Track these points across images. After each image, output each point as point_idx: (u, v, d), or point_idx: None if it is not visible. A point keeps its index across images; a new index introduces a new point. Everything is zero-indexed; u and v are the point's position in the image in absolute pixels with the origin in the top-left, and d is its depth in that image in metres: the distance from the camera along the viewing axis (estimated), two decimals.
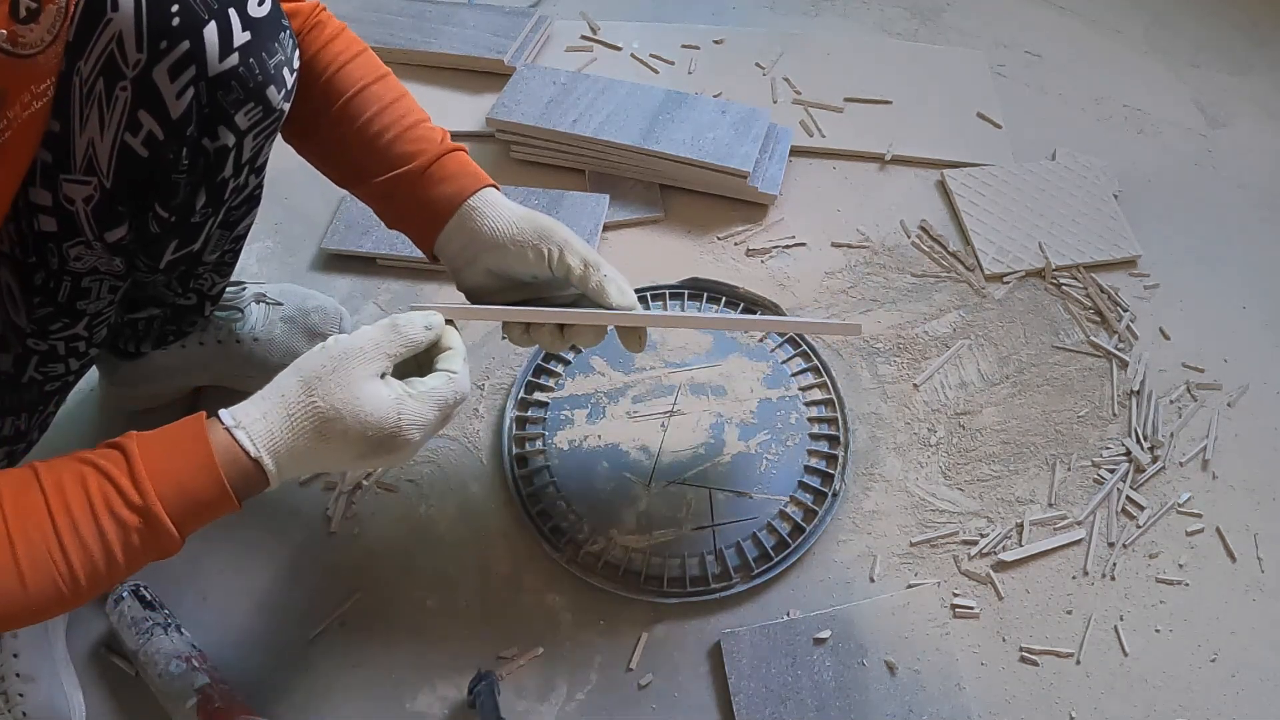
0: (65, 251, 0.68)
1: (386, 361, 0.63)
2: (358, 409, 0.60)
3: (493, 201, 0.75)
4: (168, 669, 0.78)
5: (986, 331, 1.09)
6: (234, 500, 0.59)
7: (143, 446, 0.57)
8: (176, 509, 0.57)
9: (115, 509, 0.55)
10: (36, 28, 0.54)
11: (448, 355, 0.67)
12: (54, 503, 0.54)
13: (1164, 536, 0.93)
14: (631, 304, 0.74)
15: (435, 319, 0.66)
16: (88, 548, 0.55)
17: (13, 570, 0.53)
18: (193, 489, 0.57)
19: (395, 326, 0.64)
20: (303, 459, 0.61)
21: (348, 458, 0.62)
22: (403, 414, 0.62)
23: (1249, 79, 1.42)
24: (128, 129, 0.63)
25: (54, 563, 0.54)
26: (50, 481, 0.55)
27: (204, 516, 0.58)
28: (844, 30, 1.48)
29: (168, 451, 0.57)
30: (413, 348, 0.65)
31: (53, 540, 0.54)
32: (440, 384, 0.64)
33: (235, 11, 0.63)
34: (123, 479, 0.56)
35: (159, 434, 0.59)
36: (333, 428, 0.60)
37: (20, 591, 0.53)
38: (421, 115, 0.77)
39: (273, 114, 0.69)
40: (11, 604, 0.53)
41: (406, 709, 0.82)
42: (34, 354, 0.75)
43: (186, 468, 0.57)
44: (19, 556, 0.53)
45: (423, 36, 1.37)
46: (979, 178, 1.23)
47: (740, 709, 0.81)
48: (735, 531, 0.91)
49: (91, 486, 0.55)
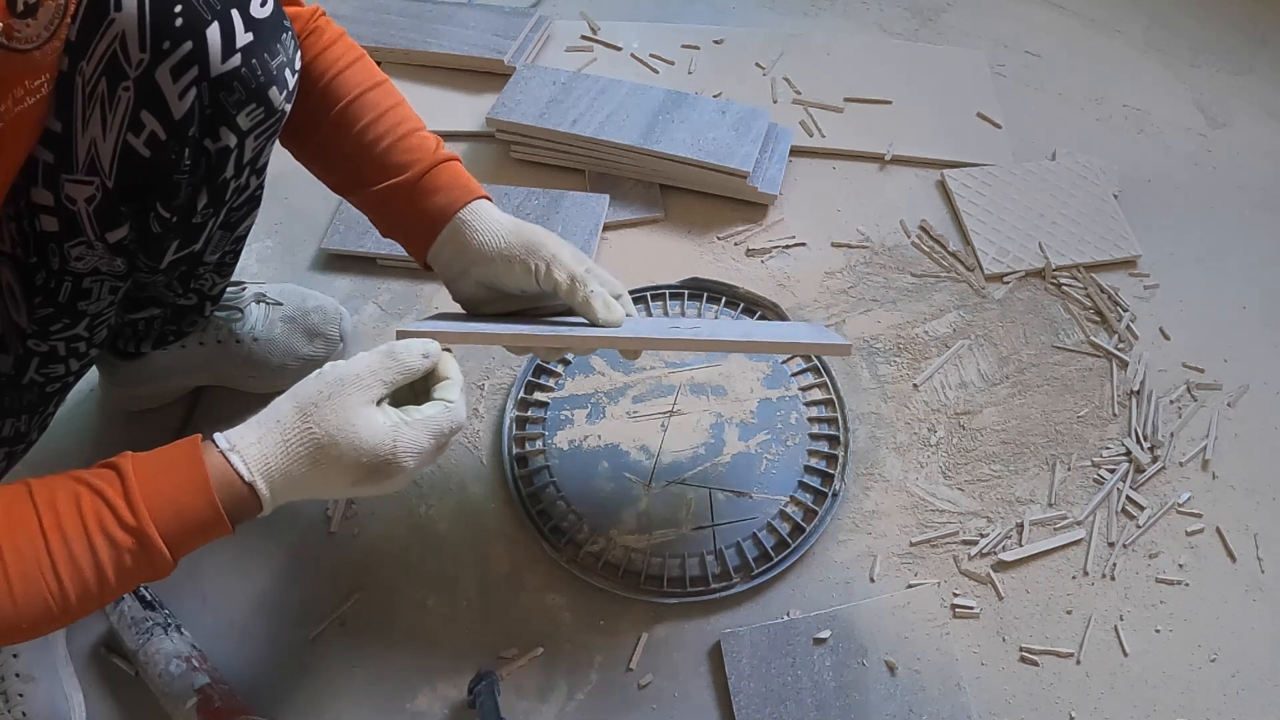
0: (67, 251, 0.68)
1: (383, 389, 0.62)
2: (353, 436, 0.60)
3: (482, 214, 0.75)
4: (168, 669, 0.78)
5: (986, 331, 1.09)
6: (228, 524, 0.58)
7: (137, 467, 0.57)
8: (170, 531, 0.56)
9: (109, 529, 0.55)
10: (34, 23, 0.54)
11: (445, 385, 0.66)
12: (46, 520, 0.54)
13: (1164, 536, 0.93)
14: (618, 319, 0.73)
15: (433, 347, 0.66)
16: (79, 566, 0.54)
17: (3, 585, 0.52)
18: (187, 512, 0.57)
19: (392, 354, 0.63)
20: (297, 485, 0.60)
21: (342, 484, 0.62)
22: (398, 441, 0.61)
23: (1249, 79, 1.42)
24: (130, 129, 0.63)
25: (45, 581, 0.53)
26: (43, 499, 0.54)
27: (197, 540, 0.58)
28: (844, 30, 1.48)
29: (162, 473, 0.57)
30: (409, 375, 0.64)
31: (44, 558, 0.53)
32: (437, 412, 0.63)
33: (238, 12, 0.63)
34: (117, 499, 0.55)
35: (154, 455, 0.58)
36: (327, 454, 0.60)
37: (10, 607, 0.53)
38: (417, 124, 0.78)
39: (274, 115, 0.69)
40: (1, 620, 0.53)
41: (406, 709, 0.82)
42: (35, 355, 0.75)
43: (181, 490, 0.57)
44: (10, 572, 0.53)
45: (422, 36, 1.37)
46: (979, 178, 1.23)
47: (740, 709, 0.81)
48: (735, 531, 0.91)
49: (85, 506, 0.55)
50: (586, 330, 0.73)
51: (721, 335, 0.77)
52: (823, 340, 0.77)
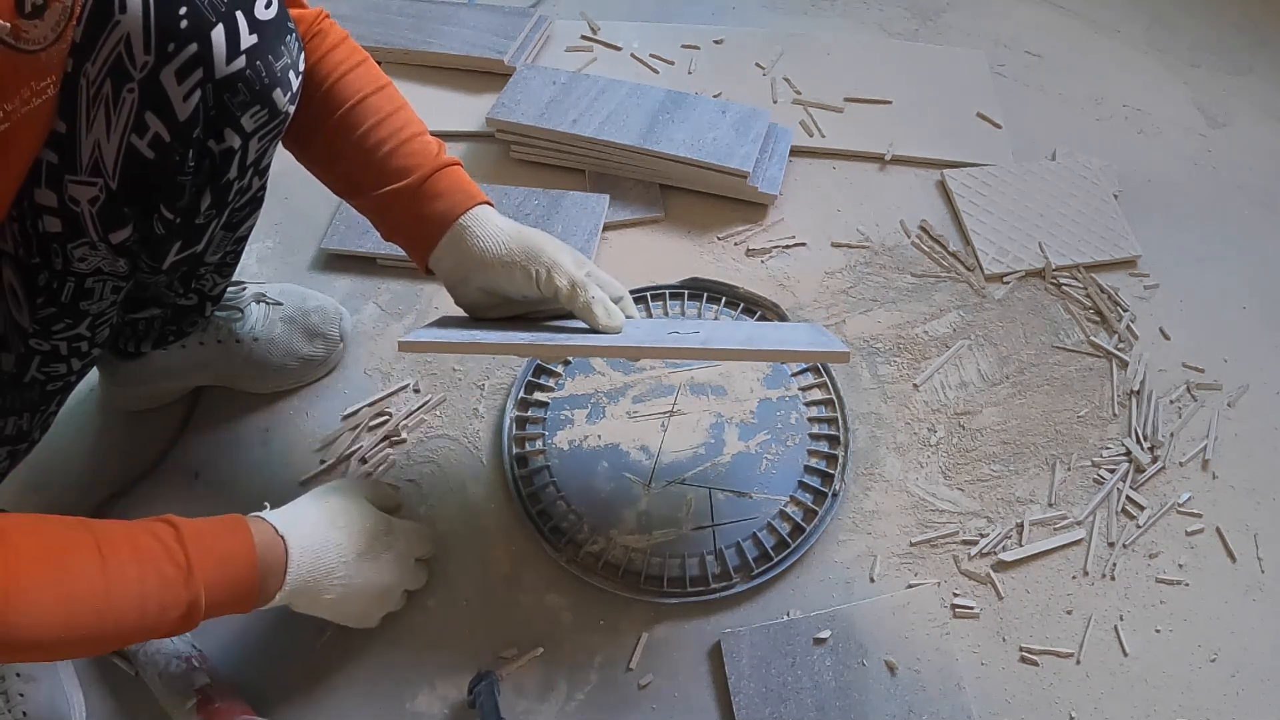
0: (69, 252, 0.69)
1: (371, 492, 0.82)
2: (362, 505, 0.78)
3: (483, 220, 0.76)
4: (168, 669, 0.78)
5: (986, 331, 1.09)
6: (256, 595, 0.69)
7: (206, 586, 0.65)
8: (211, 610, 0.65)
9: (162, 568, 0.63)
10: (41, 24, 0.54)
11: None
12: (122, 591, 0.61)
13: (1164, 536, 0.93)
14: (619, 325, 0.76)
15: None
16: (126, 636, 0.62)
17: (60, 607, 0.58)
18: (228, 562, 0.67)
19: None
20: (317, 551, 0.73)
21: (351, 551, 0.75)
22: (392, 522, 0.80)
23: (1249, 79, 1.42)
24: (134, 131, 0.63)
25: (101, 623, 0.60)
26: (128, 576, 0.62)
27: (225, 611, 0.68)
28: (844, 30, 1.48)
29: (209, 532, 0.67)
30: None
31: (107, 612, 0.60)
32: (416, 526, 0.84)
33: (243, 14, 0.63)
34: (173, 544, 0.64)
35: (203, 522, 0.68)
36: (341, 519, 0.75)
37: (63, 629, 0.58)
38: (419, 128, 0.78)
39: (278, 117, 0.69)
40: (49, 634, 0.58)
41: (406, 709, 0.82)
42: (36, 354, 0.75)
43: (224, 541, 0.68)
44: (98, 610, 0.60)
45: (423, 36, 1.37)
46: (979, 178, 1.23)
47: (740, 709, 0.81)
48: (735, 531, 0.91)
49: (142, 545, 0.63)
50: (586, 339, 0.74)
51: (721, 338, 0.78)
52: (821, 347, 0.77)
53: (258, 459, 0.97)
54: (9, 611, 0.55)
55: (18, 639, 0.56)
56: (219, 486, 0.95)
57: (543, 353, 0.74)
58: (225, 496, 0.94)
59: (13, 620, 0.55)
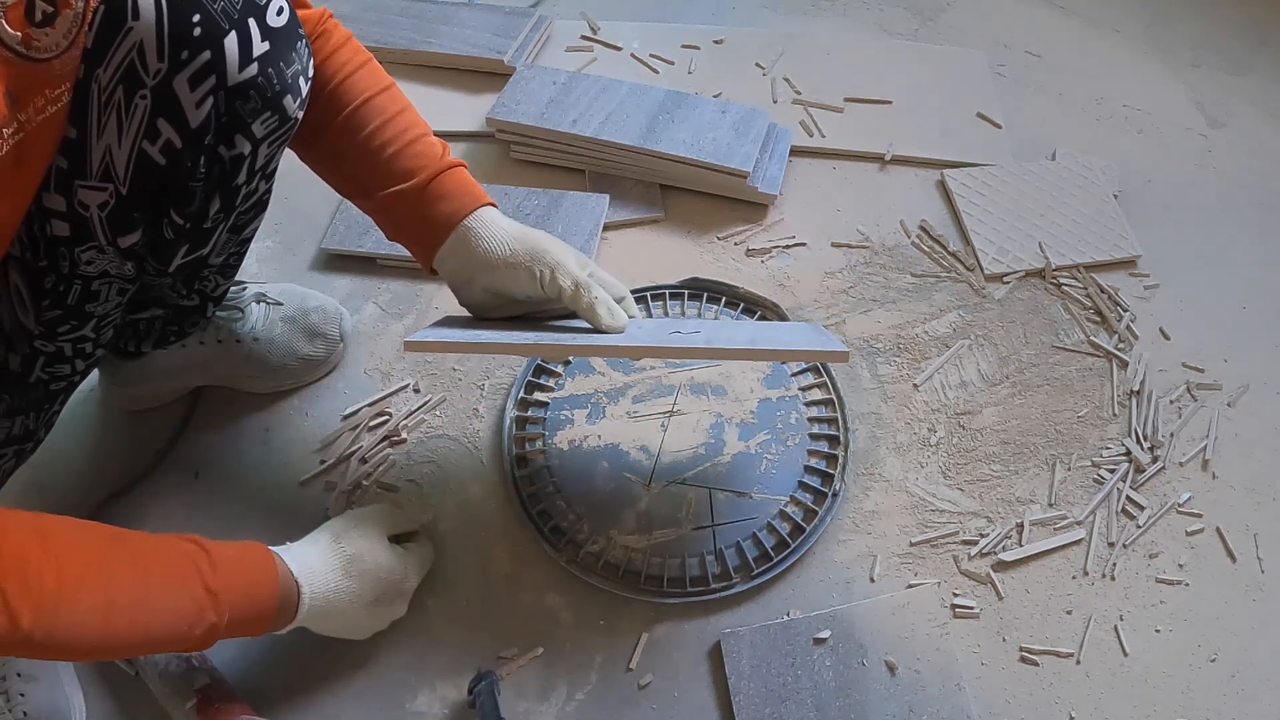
0: (77, 256, 0.69)
1: (393, 528, 0.83)
2: (378, 553, 0.78)
3: (488, 221, 0.76)
4: (168, 669, 0.78)
5: (986, 331, 1.09)
6: (273, 618, 0.71)
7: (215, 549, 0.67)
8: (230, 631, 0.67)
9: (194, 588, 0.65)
10: (52, 32, 0.54)
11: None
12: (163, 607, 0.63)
13: (1164, 536, 0.93)
14: (621, 325, 0.76)
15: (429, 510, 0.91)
16: (150, 647, 0.65)
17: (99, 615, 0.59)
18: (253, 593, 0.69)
19: (399, 504, 0.92)
20: (330, 597, 0.75)
21: (365, 600, 0.77)
22: (408, 564, 0.81)
23: (1249, 79, 1.42)
24: (146, 137, 0.63)
25: (136, 633, 0.62)
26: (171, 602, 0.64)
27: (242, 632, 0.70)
28: (844, 30, 1.48)
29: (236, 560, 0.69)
30: (411, 525, 0.87)
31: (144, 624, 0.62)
32: (427, 550, 0.86)
33: (255, 22, 0.63)
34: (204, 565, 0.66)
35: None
36: (357, 566, 0.76)
37: (100, 635, 0.60)
38: (424, 129, 0.78)
39: (288, 123, 0.69)
40: (86, 638, 0.59)
41: (406, 709, 0.82)
42: (41, 355, 0.75)
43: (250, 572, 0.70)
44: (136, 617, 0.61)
45: (423, 36, 1.37)
46: (979, 178, 1.23)
47: (740, 709, 0.81)
48: (735, 531, 0.91)
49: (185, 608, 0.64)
50: (590, 339, 0.75)
51: (722, 337, 0.78)
52: (821, 347, 0.77)
53: (258, 459, 0.97)
54: (60, 611, 0.56)
55: (61, 640, 0.57)
56: (219, 486, 0.95)
57: (547, 353, 0.75)
58: (225, 496, 0.94)
59: (61, 620, 0.56)
